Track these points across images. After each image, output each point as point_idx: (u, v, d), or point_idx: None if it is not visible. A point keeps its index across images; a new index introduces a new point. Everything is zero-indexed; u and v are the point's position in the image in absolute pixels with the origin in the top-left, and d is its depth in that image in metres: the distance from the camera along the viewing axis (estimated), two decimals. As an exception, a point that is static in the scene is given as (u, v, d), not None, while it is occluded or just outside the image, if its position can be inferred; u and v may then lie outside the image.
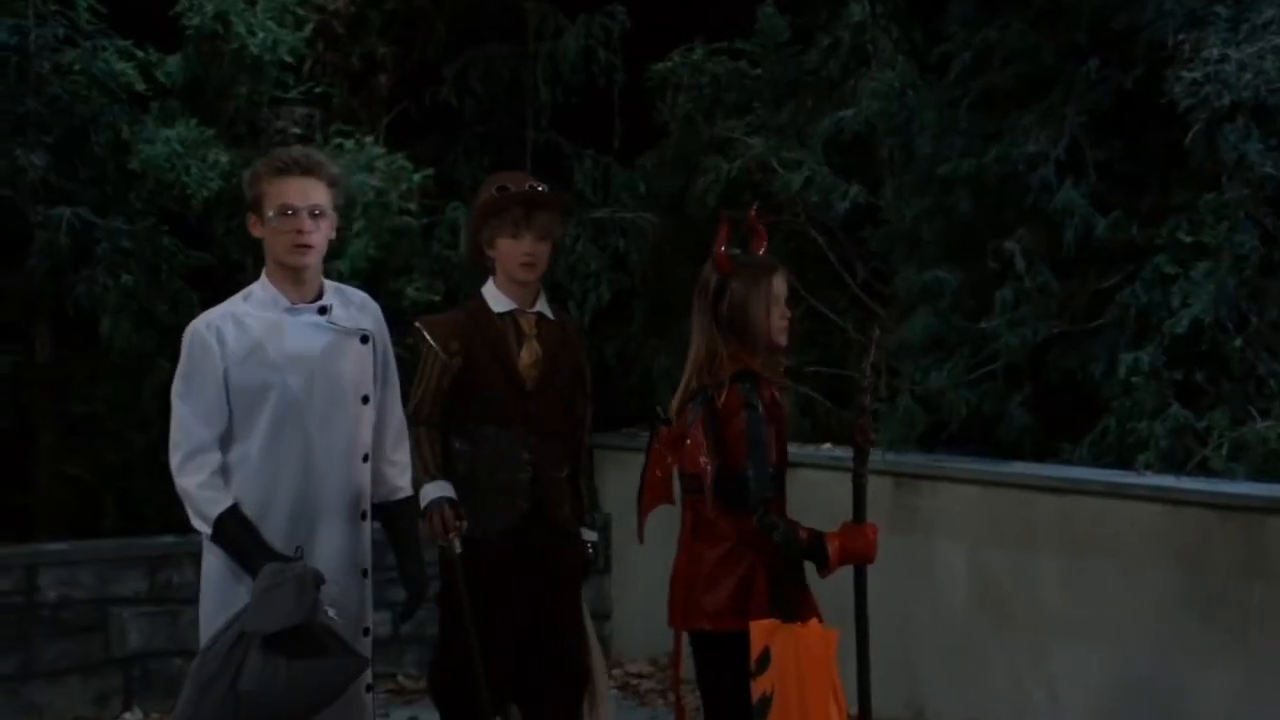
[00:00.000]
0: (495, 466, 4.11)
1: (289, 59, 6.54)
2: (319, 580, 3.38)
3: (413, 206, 6.66)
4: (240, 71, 6.49)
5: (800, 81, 6.76)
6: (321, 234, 3.55)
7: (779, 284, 3.75)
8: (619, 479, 6.80)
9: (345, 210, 6.30)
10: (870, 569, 3.77)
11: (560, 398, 4.20)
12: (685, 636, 3.75)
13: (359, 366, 3.62)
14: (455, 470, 4.10)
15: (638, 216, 7.06)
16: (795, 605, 3.64)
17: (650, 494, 3.81)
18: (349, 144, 6.62)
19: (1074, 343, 5.67)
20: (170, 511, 6.40)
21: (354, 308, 3.67)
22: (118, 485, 6.32)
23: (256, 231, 3.57)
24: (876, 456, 5.62)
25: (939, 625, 5.53)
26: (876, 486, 5.63)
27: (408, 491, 3.81)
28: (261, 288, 3.58)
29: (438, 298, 6.72)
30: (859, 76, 6.37)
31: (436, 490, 4.03)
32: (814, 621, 3.65)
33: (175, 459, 3.49)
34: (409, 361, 4.25)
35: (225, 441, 3.50)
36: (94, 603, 5.77)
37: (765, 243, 3.88)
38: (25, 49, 6.09)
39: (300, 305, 3.56)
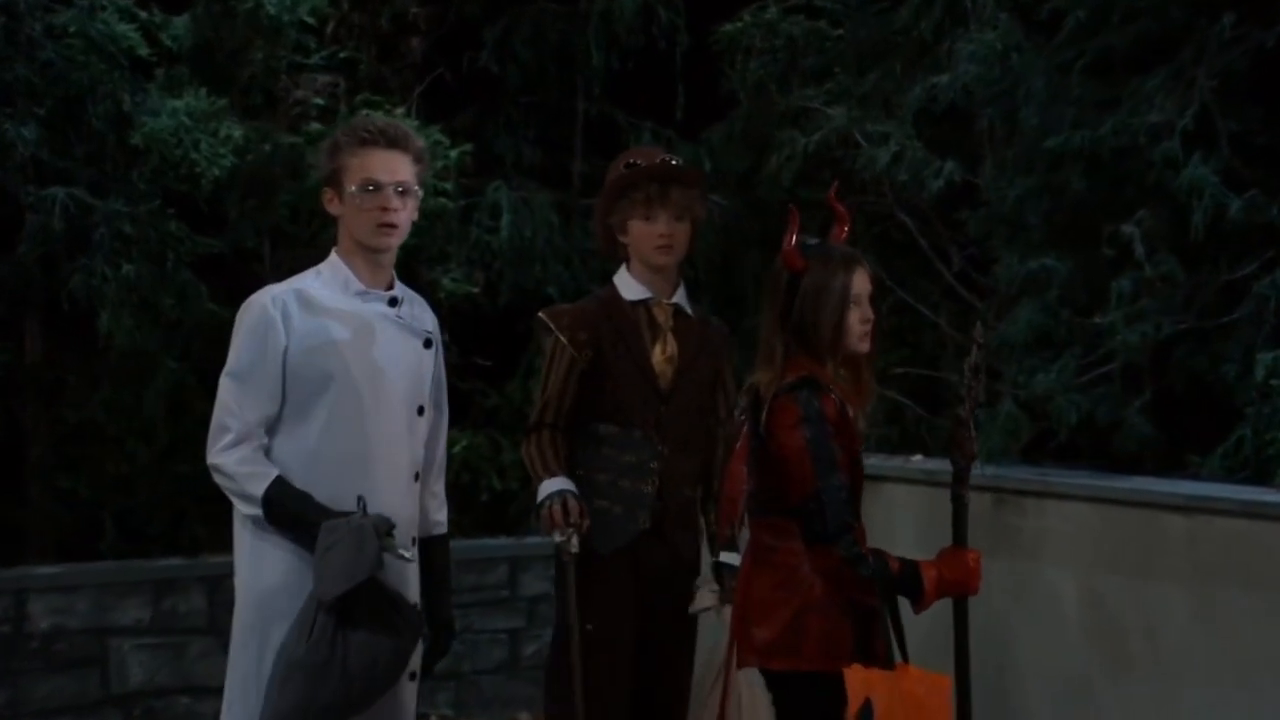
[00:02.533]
0: (618, 473, 4.10)
1: (310, 20, 6.60)
2: (382, 528, 3.44)
3: (449, 186, 6.69)
4: (255, 34, 6.54)
5: (888, 43, 6.74)
6: (407, 213, 3.62)
7: (860, 280, 3.68)
8: None
9: None
10: (969, 598, 3.72)
11: (697, 406, 4.18)
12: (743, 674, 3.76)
13: (419, 372, 3.68)
14: (573, 473, 4.11)
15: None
16: (889, 649, 3.61)
17: (731, 508, 3.78)
18: (378, 115, 6.60)
19: (1203, 340, 5.63)
20: (177, 531, 6.47)
21: (417, 306, 3.76)
22: (117, 501, 6.36)
23: (334, 208, 3.63)
24: (975, 470, 5.66)
25: (1045, 664, 5.47)
26: (974, 504, 5.63)
27: (444, 528, 3.84)
28: (331, 268, 3.63)
29: (477, 289, 6.74)
30: (955, 37, 6.32)
31: (554, 484, 4.03)
32: (913, 668, 3.61)
33: (219, 442, 3.51)
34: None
35: (272, 432, 3.54)
36: (90, 633, 5.78)
37: (847, 228, 3.81)
38: (14, 9, 6.15)
39: (373, 292, 3.62)
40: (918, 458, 6.03)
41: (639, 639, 4.12)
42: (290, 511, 3.47)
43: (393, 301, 3.65)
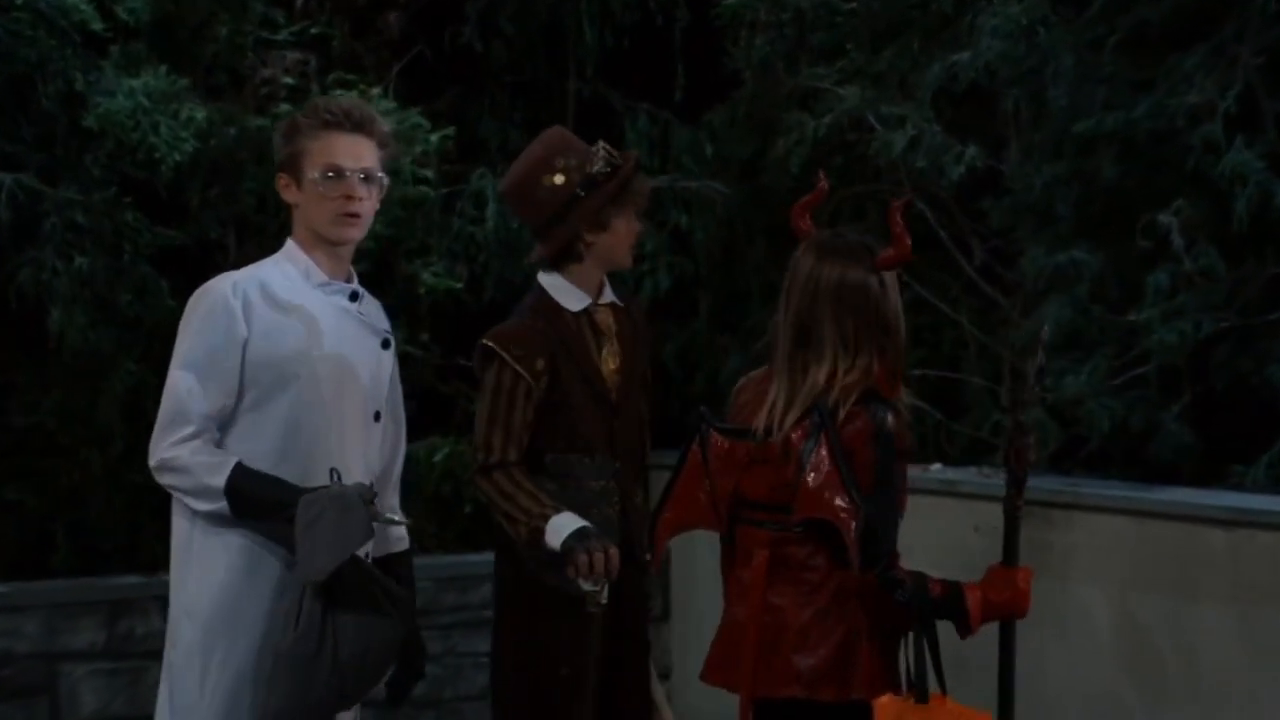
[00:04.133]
0: (586, 505, 4.04)
1: (278, -8, 6.60)
2: (366, 495, 3.45)
3: (430, 174, 6.68)
4: (219, 8, 6.51)
5: (904, 19, 6.71)
6: (371, 203, 3.62)
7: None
8: None
9: None
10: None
11: (639, 409, 4.20)
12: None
13: (379, 375, 3.67)
14: None
15: (703, 186, 7.07)
16: (933, 676, 3.59)
17: (678, 515, 3.73)
18: (352, 96, 6.58)
19: (1246, 339, 5.63)
20: (134, 547, 6.44)
21: (374, 303, 3.76)
22: (69, 514, 6.33)
23: (290, 195, 3.63)
24: (999, 480, 5.64)
25: (1077, 689, 5.48)
26: (999, 515, 5.64)
27: (406, 542, 3.81)
28: (290, 258, 3.63)
29: (460, 284, 6.72)
30: (977, 11, 6.31)
31: (572, 521, 3.89)
32: (950, 701, 3.60)
33: (172, 435, 3.48)
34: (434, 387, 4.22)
35: (224, 430, 3.52)
36: (39, 658, 5.78)
37: (894, 254, 3.77)
38: (-48, -21, 6.12)
39: (335, 284, 3.62)
40: (936, 466, 6.05)
41: (607, 662, 4.10)
42: (258, 497, 3.45)
43: (354, 296, 3.65)
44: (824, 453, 3.54)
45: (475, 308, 6.76)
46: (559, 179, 4.08)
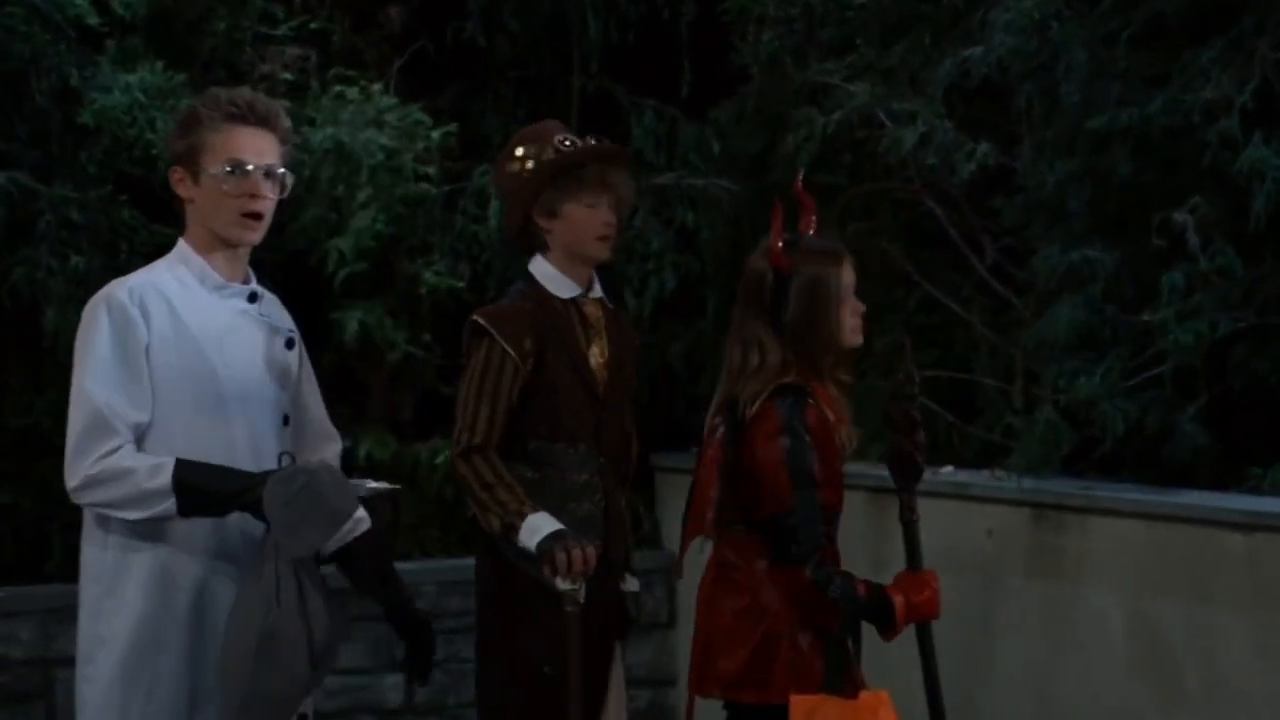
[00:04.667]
0: (567, 496, 4.08)
1: (278, -14, 6.60)
2: (332, 468, 3.40)
3: (431, 171, 6.68)
4: (217, 2, 6.52)
5: (915, 13, 6.71)
6: (272, 202, 3.52)
7: (848, 272, 3.83)
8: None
9: (348, 175, 6.46)
10: (1006, 625, 3.81)
11: (625, 407, 4.23)
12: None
13: (284, 377, 3.58)
14: None
15: (710, 183, 7.06)
16: (855, 672, 3.69)
17: (693, 524, 3.82)
18: (352, 92, 6.65)
19: (1263, 340, 5.61)
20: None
21: (274, 303, 3.65)
22: (65, 518, 6.28)
23: (185, 190, 3.51)
24: (1011, 483, 5.66)
25: (1090, 698, 5.45)
26: (1011, 520, 5.64)
27: (368, 523, 3.71)
28: (183, 259, 3.52)
29: (461, 283, 6.71)
30: (989, 6, 6.29)
31: (548, 522, 3.93)
32: (884, 694, 3.71)
33: (99, 449, 3.33)
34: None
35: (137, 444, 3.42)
36: (35, 664, 5.78)
37: (815, 218, 3.95)
38: (-55, -28, 6.13)
39: (231, 286, 3.52)
40: (948, 469, 6.04)
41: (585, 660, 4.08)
42: (210, 489, 3.33)
43: (252, 297, 3.55)
44: (716, 447, 3.69)
45: (478, 306, 6.75)
46: (515, 165, 4.18)
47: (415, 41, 7.25)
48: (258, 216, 3.48)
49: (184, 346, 3.42)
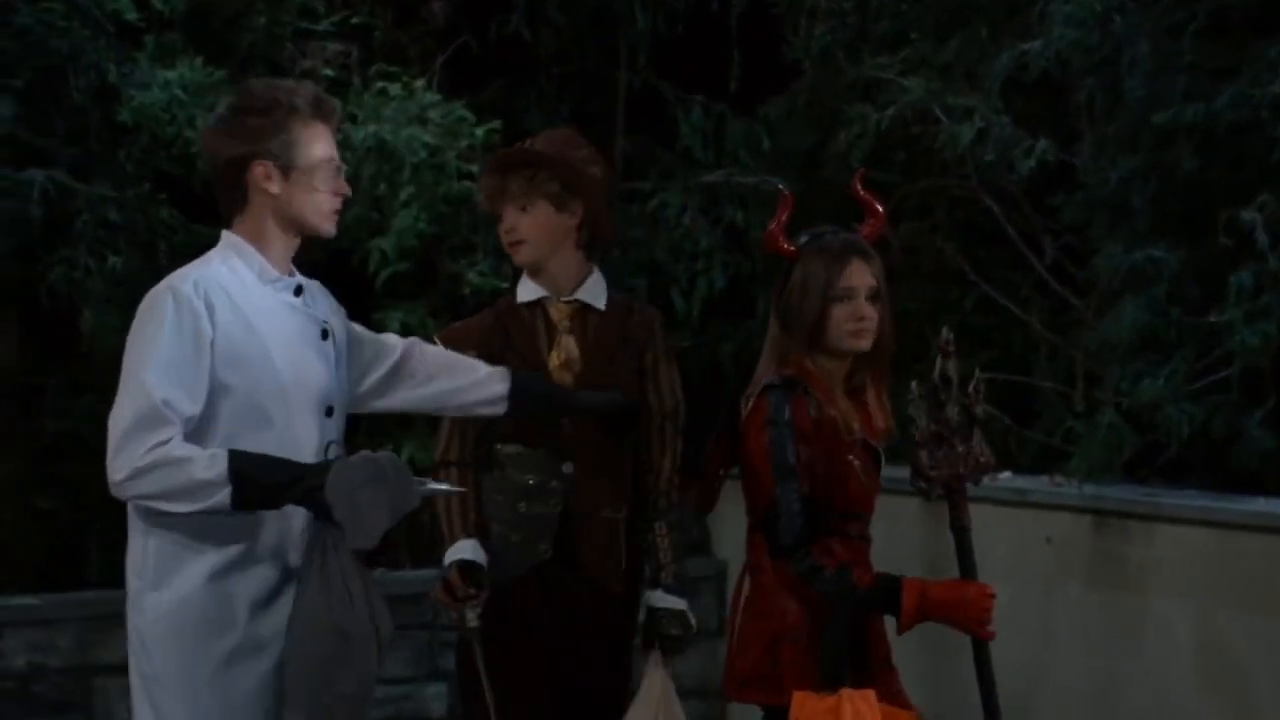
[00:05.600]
0: (516, 496, 4.12)
1: (318, -19, 6.63)
2: (395, 460, 3.42)
3: (475, 169, 6.66)
4: (258, -3, 6.55)
5: (971, 6, 6.70)
6: None
7: (856, 273, 3.85)
8: (737, 516, 6.75)
9: (390, 173, 6.46)
10: (1066, 635, 3.78)
11: (611, 415, 4.15)
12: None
13: (327, 368, 3.59)
14: (480, 504, 4.16)
15: (761, 181, 7.04)
16: (842, 670, 3.67)
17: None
18: (395, 89, 6.67)
19: (1335, 342, 5.56)
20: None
21: (319, 294, 3.68)
22: (103, 524, 6.32)
23: (270, 184, 3.49)
24: (1072, 489, 5.63)
25: (1156, 707, 5.43)
26: (1072, 528, 5.61)
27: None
28: (239, 253, 3.51)
29: (505, 283, 6.70)
30: (1048, -3, 6.28)
31: (455, 551, 4.07)
32: (870, 693, 3.66)
33: (143, 441, 3.30)
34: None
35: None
36: (73, 671, 5.79)
37: (878, 225, 3.96)
38: (-17, -32, 6.17)
39: (283, 280, 3.54)
40: (1006, 475, 6.00)
41: (559, 686, 4.11)
42: (267, 481, 3.32)
43: (298, 290, 3.57)
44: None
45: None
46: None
47: (458, 36, 7.28)
48: (340, 210, 3.58)
49: (244, 340, 3.43)
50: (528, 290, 4.20)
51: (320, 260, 6.79)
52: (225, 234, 3.54)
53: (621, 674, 4.23)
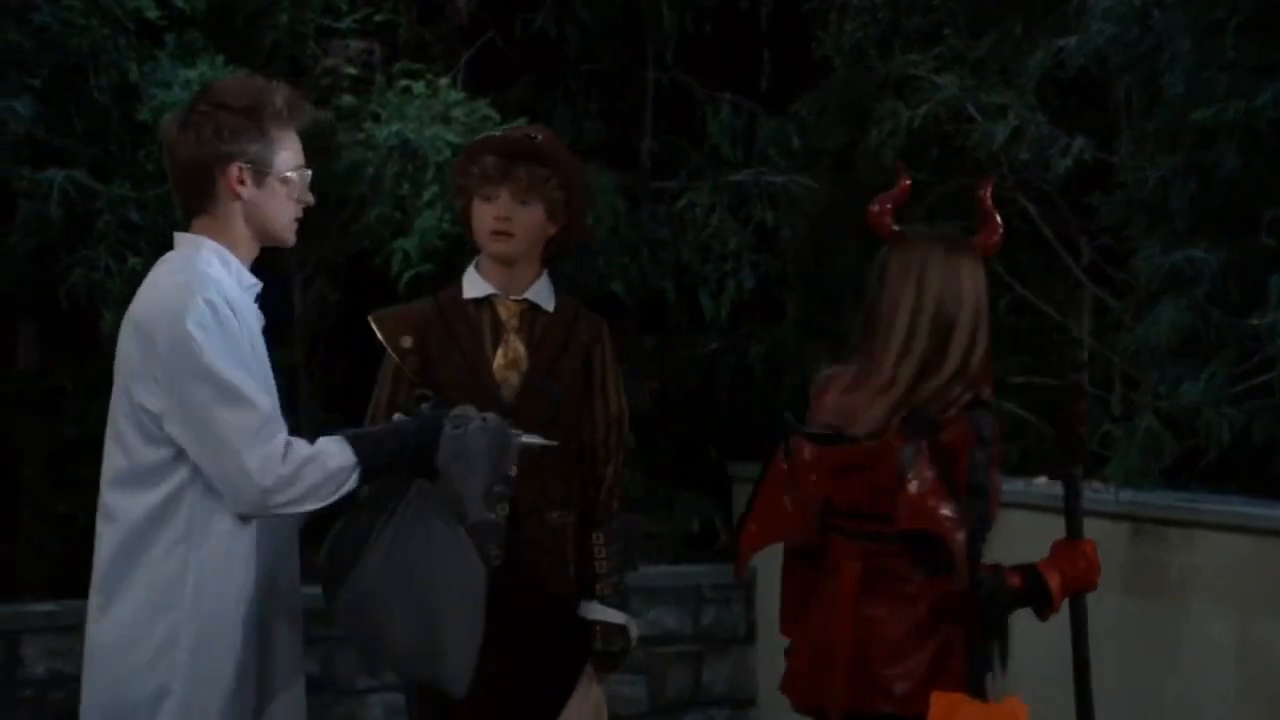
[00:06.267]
0: None
1: (341, -23, 6.65)
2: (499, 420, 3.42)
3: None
4: (279, -6, 6.57)
5: (1005, 1, 6.65)
6: None
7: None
8: None
9: (414, 173, 6.45)
10: (1107, 644, 3.78)
11: (552, 415, 4.09)
12: None
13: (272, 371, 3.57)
14: None
15: (790, 180, 7.09)
16: (987, 674, 3.65)
17: (763, 528, 3.75)
18: (418, 87, 6.68)
19: (1379, 345, 5.54)
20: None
21: None
22: (122, 528, 6.34)
23: (242, 190, 3.39)
24: (1109, 495, 5.60)
25: (1194, 717, 5.40)
26: (1108, 535, 5.56)
27: None
28: (220, 257, 3.42)
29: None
30: (1085, -8, 6.27)
31: None
32: (1010, 699, 3.64)
33: (272, 448, 3.23)
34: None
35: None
36: (91, 678, 5.75)
37: (996, 240, 3.85)
38: (3, -34, 6.18)
39: (253, 284, 3.48)
40: (1041, 480, 5.97)
41: (512, 692, 4.06)
42: (385, 449, 3.31)
43: (258, 296, 3.51)
44: (925, 459, 3.55)
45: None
46: None
47: (483, 33, 7.31)
48: (299, 220, 3.49)
49: (250, 349, 3.39)
50: (476, 286, 4.13)
51: (341, 261, 6.81)
52: (198, 237, 3.41)
53: (573, 672, 4.17)
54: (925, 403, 3.59)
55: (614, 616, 4.16)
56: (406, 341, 4.08)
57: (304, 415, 6.44)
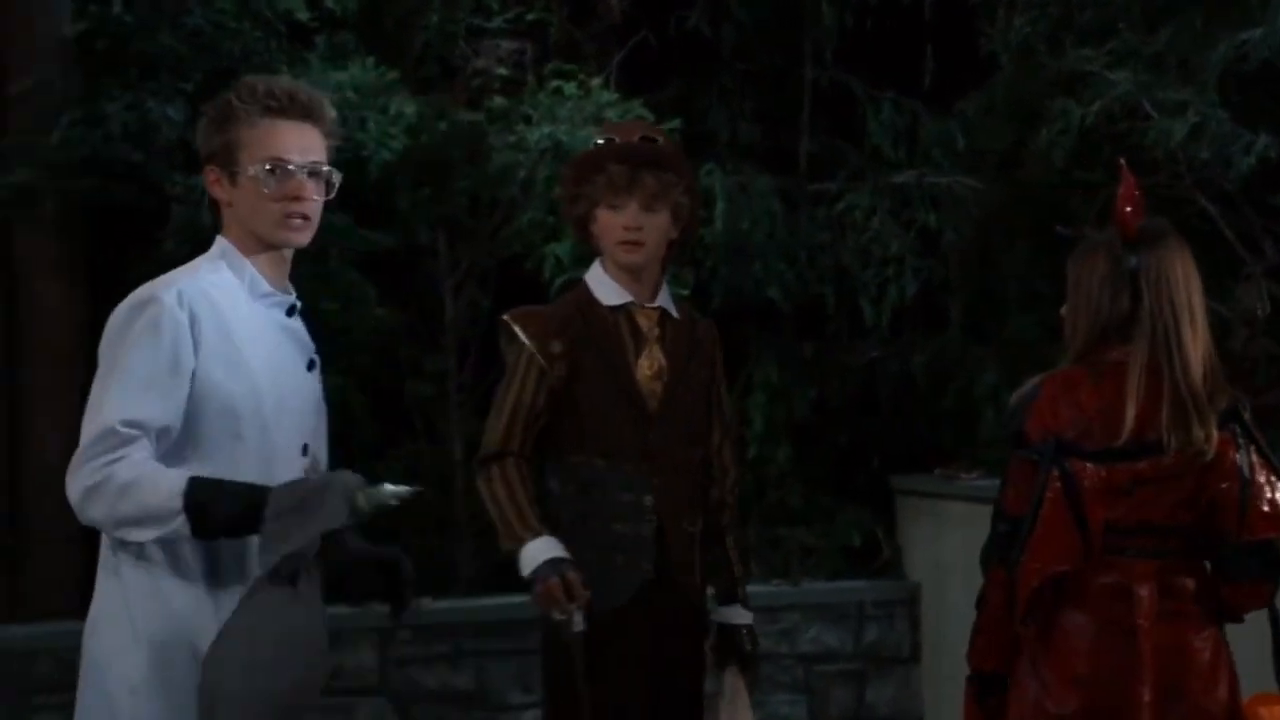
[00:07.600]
0: (611, 516, 4.02)
1: (492, -22, 6.70)
2: (352, 483, 3.20)
3: (657, 171, 6.65)
4: (430, -5, 6.62)
5: (1184, -8, 6.62)
6: (320, 202, 3.40)
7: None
8: (930, 536, 6.70)
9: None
10: None
11: (688, 427, 4.10)
12: None
13: (309, 401, 3.45)
14: (555, 520, 4.02)
15: (955, 181, 7.03)
16: None
17: (1046, 560, 3.59)
18: (570, 87, 6.68)
19: None
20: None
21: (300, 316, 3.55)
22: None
23: (220, 192, 3.37)
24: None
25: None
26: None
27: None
28: (228, 263, 3.38)
29: (686, 291, 6.68)
30: (1270, -18, 6.19)
31: (546, 549, 3.91)
32: None
33: (98, 456, 3.15)
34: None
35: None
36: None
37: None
38: (157, -30, 6.25)
39: (275, 294, 3.40)
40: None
41: (651, 701, 4.03)
42: (229, 509, 3.14)
43: (291, 310, 3.42)
44: (1257, 461, 3.51)
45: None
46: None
47: (636, 33, 7.31)
48: (305, 217, 3.36)
49: (229, 360, 3.29)
50: (611, 293, 4.07)
51: (491, 266, 6.83)
52: (221, 239, 3.40)
53: (700, 685, 4.16)
54: (1226, 404, 3.54)
55: (749, 619, 4.17)
56: (556, 346, 4.02)
57: (455, 422, 6.46)
